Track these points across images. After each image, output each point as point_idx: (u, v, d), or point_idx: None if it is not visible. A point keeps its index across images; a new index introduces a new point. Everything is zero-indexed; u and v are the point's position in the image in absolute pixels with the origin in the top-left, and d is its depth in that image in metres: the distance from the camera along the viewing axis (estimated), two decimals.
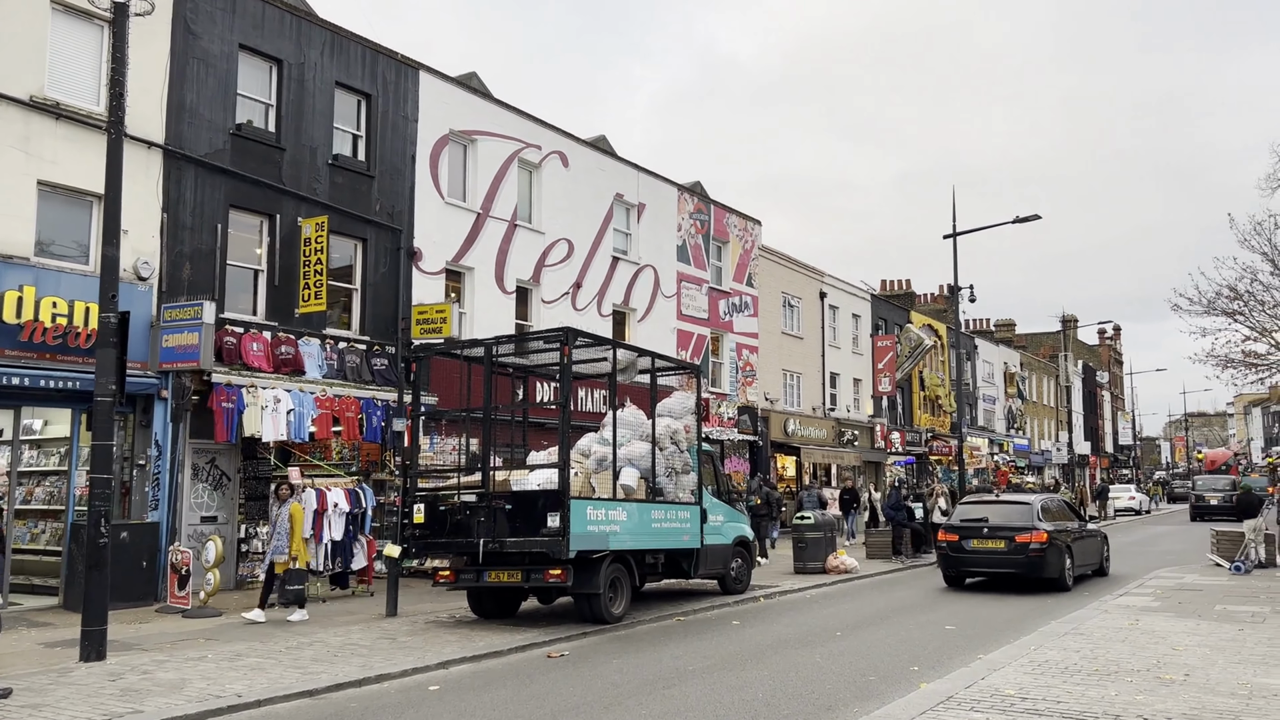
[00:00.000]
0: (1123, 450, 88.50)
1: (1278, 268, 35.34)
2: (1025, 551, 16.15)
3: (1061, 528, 16.99)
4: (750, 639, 11.63)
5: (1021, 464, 55.32)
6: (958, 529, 17.04)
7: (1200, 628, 11.22)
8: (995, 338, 58.16)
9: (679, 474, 14.01)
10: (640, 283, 25.72)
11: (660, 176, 26.85)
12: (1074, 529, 17.57)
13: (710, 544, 14.66)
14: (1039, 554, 16.09)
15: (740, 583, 15.62)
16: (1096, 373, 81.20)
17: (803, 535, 19.03)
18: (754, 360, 30.37)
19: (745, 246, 30.54)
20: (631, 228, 25.74)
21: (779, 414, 31.34)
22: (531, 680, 9.34)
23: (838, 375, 36.26)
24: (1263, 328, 35.89)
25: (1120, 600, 14.08)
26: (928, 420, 44.64)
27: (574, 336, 12.11)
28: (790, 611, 14.08)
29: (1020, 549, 16.16)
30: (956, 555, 16.95)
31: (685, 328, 27.33)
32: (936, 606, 14.44)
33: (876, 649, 10.81)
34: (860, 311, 38.85)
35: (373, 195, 18.74)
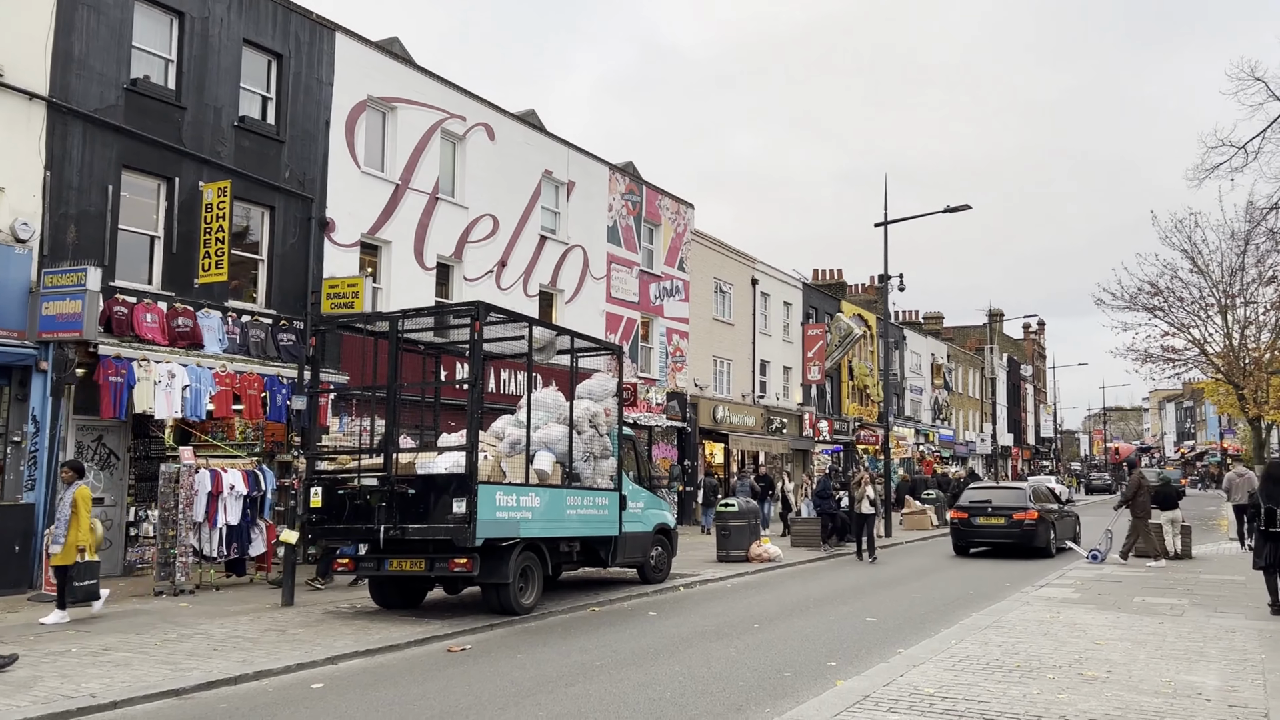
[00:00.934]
0: (1044, 442, 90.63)
1: (1196, 265, 36.24)
2: (1020, 526, 20.12)
3: (1046, 508, 21.03)
4: (665, 631, 11.12)
5: (946, 454, 56.03)
6: (967, 509, 21.14)
7: (1121, 620, 11.03)
8: (924, 330, 58.77)
9: (598, 459, 13.43)
10: (569, 263, 25.04)
11: (591, 154, 26.17)
12: (1055, 510, 21.55)
13: (630, 532, 14.13)
14: (1031, 528, 20.04)
15: (660, 572, 15.13)
16: (1020, 366, 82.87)
17: (726, 523, 18.63)
18: (684, 346, 29.93)
19: (678, 230, 30.03)
20: (560, 206, 25.02)
21: (708, 400, 30.97)
22: (426, 677, 8.68)
23: (768, 363, 36.05)
24: (1181, 323, 36.78)
25: (1041, 592, 13.92)
26: (856, 409, 44.80)
27: (486, 311, 11.41)
28: (709, 601, 13.62)
29: (1016, 524, 20.15)
30: (966, 529, 20.91)
31: (615, 311, 26.74)
32: (858, 597, 14.12)
33: (794, 642, 10.38)
34: (792, 299, 38.69)
35: (282, 161, 17.73)
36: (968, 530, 20.86)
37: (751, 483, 25.86)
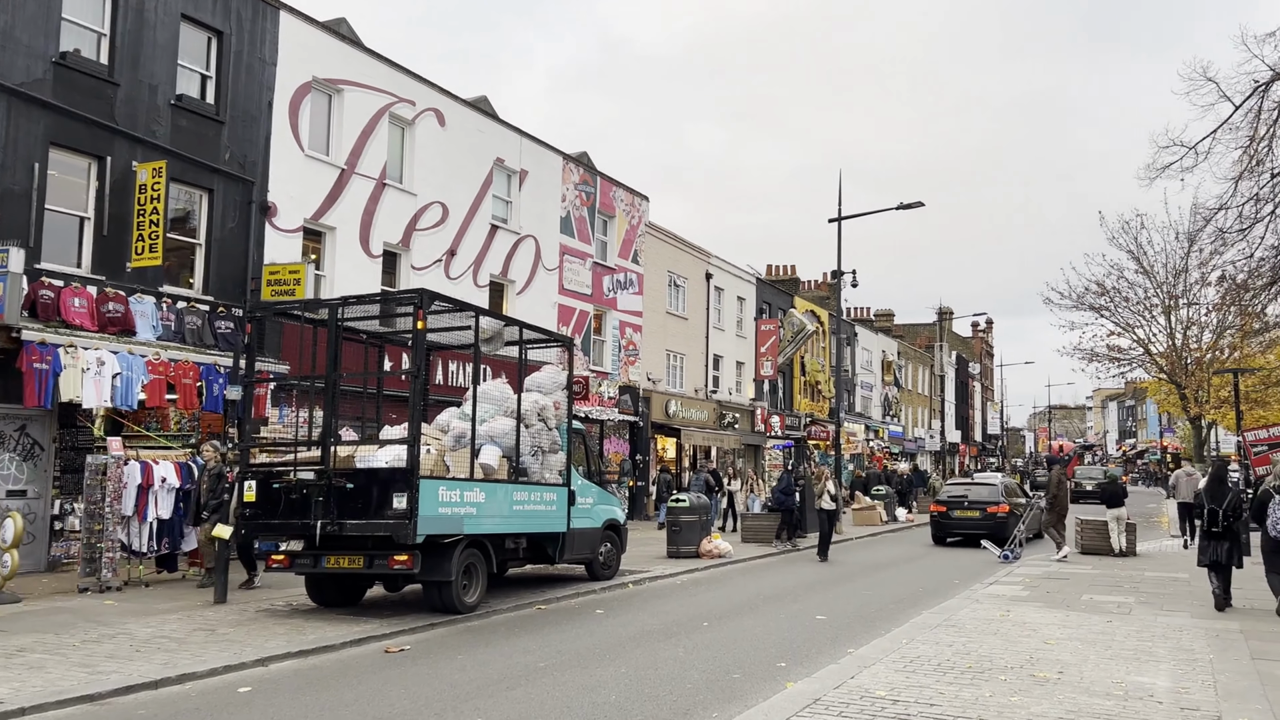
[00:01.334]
0: (990, 439, 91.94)
1: (1142, 266, 36.83)
2: (994, 519, 22.19)
3: (1015, 503, 23.28)
4: (612, 630, 10.84)
5: (896, 450, 56.50)
6: (945, 503, 23.50)
7: (1070, 619, 10.99)
8: (875, 326, 59.14)
9: (546, 453, 13.10)
10: (520, 254, 24.62)
11: (544, 143, 25.75)
12: (1022, 503, 23.49)
13: (578, 528, 13.82)
14: (1003, 520, 21.94)
15: (609, 568, 14.84)
16: (969, 364, 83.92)
17: (677, 519, 18.40)
18: (637, 339, 29.66)
19: (632, 222, 29.74)
20: (513, 195, 24.58)
21: (661, 395, 30.75)
22: (360, 680, 8.30)
23: (721, 357, 35.93)
24: (1126, 323, 37.36)
25: (990, 589, 13.89)
26: (807, 405, 44.93)
27: (430, 300, 11.01)
28: (658, 599, 13.37)
29: (990, 517, 22.33)
30: (945, 521, 23.13)
31: (567, 303, 26.37)
32: (809, 594, 13.97)
33: (743, 641, 10.17)
34: (745, 294, 38.61)
35: (222, 142, 17.11)
36: (946, 522, 23.12)
37: (707, 477, 25.64)
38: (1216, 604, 12.02)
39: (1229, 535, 12.34)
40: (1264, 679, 8.01)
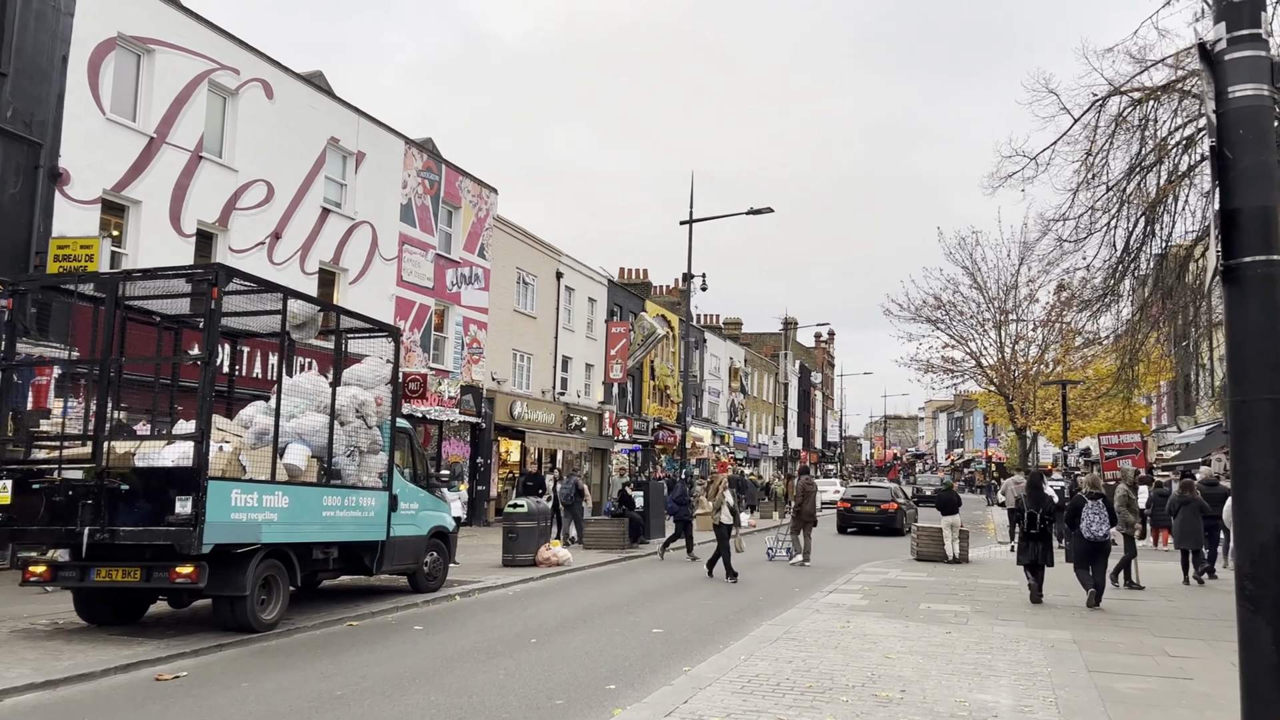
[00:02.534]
0: (830, 446, 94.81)
1: (976, 281, 38.28)
2: (887, 514, 28.04)
3: (901, 502, 29.44)
4: (429, 650, 9.81)
5: (740, 455, 57.13)
6: (850, 500, 29.50)
7: (910, 630, 10.68)
8: (724, 334, 59.74)
9: (365, 454, 11.91)
10: (355, 241, 23.09)
11: (385, 126, 24.30)
12: (905, 503, 29.39)
13: (400, 536, 12.68)
14: (892, 515, 28.01)
15: (435, 579, 13.74)
16: (811, 373, 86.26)
17: (513, 525, 17.42)
18: (482, 337, 28.48)
19: (479, 215, 28.54)
20: (348, 178, 23.03)
21: (506, 395, 29.65)
22: (114, 716, 7.01)
23: (570, 359, 35.12)
24: (960, 336, 38.71)
25: (830, 598, 13.58)
26: (656, 409, 44.69)
27: (227, 276, 9.71)
28: (486, 612, 12.39)
29: (884, 513, 28.21)
30: (848, 514, 28.99)
31: (407, 295, 24.96)
32: (646, 605, 13.29)
33: (573, 660, 9.34)
34: (597, 296, 37.96)
35: (3, 97, 15.05)
36: (849, 515, 29.02)
37: (578, 481, 24.70)
38: (1031, 597, 13.46)
39: (1043, 537, 13.55)
40: (1103, 694, 7.78)
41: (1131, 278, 13.22)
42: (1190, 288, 14.94)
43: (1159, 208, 12.48)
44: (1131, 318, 13.54)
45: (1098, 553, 13.11)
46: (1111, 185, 13.03)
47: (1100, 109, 13.23)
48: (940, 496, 20.71)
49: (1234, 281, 3.84)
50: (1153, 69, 12.86)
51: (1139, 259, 13.10)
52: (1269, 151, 3.82)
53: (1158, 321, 14.21)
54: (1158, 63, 13.02)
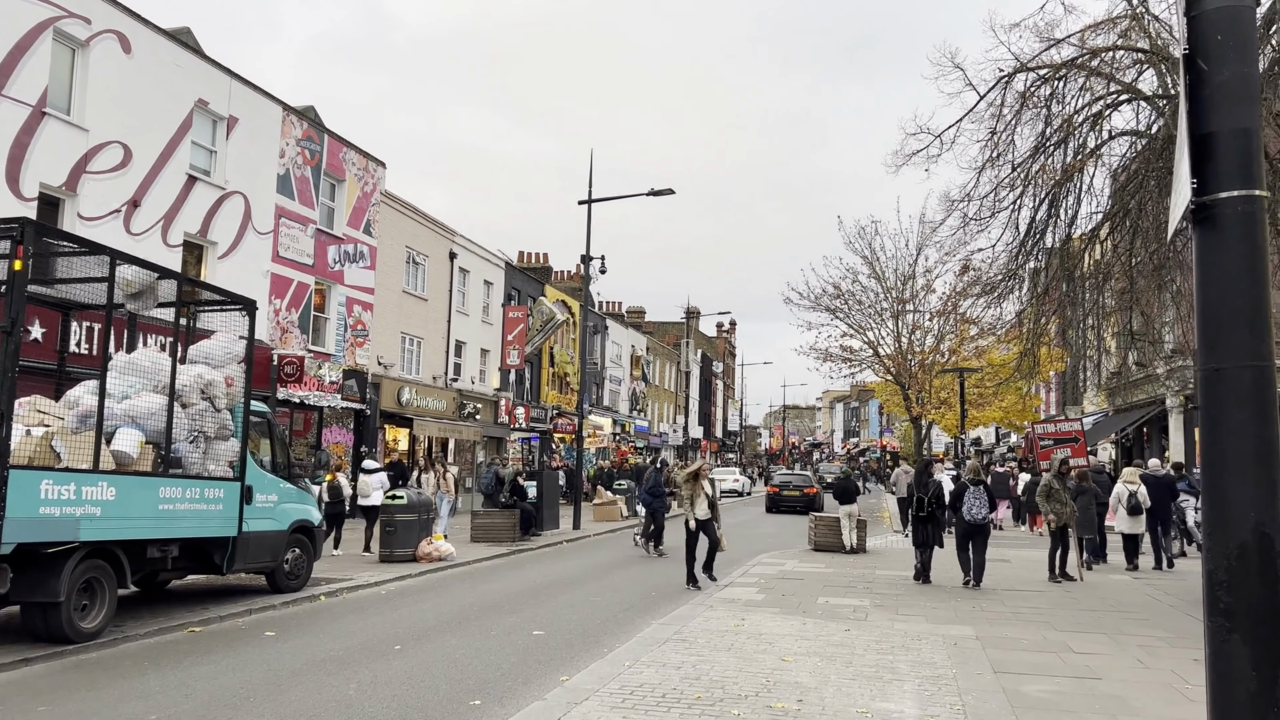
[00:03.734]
0: (730, 435, 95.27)
1: (874, 271, 38.40)
2: (809, 497, 33.75)
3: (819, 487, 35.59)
4: (275, 660, 8.68)
5: (641, 445, 56.57)
6: (779, 485, 36.39)
7: (808, 628, 10.03)
8: (626, 322, 59.06)
9: (212, 440, 10.67)
10: (226, 212, 21.40)
11: (262, 90, 22.61)
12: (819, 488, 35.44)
13: (255, 531, 11.45)
14: (812, 497, 33.67)
15: (297, 578, 12.52)
16: (713, 363, 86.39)
17: (392, 517, 16.25)
18: (368, 319, 26.98)
19: (365, 189, 26.99)
20: (218, 144, 21.31)
21: (393, 381, 28.20)
22: None
23: (464, 344, 33.79)
24: (859, 325, 38.80)
25: (725, 593, 12.88)
26: (555, 397, 43.66)
27: (36, 234, 8.37)
28: (351, 615, 11.27)
29: (806, 496, 33.84)
30: (777, 498, 34.85)
31: (283, 273, 23.36)
32: (531, 603, 12.35)
33: (437, 671, 8.36)
34: (493, 279, 36.67)
35: None
36: (778, 498, 34.96)
37: (498, 470, 23.42)
38: (915, 575, 14.50)
39: (931, 519, 14.54)
40: (1010, 698, 7.21)
41: (1034, 260, 12.88)
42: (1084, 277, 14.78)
43: (1064, 187, 12.14)
44: (1033, 301, 13.20)
45: (977, 534, 13.97)
46: (1017, 165, 12.65)
47: (1006, 85, 12.83)
48: (838, 484, 20.27)
49: (1207, 223, 3.13)
50: (1060, 45, 12.53)
51: (1043, 240, 12.77)
52: (1251, 63, 3.11)
53: (1058, 307, 13.93)
54: (1062, 40, 12.69)
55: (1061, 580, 14.62)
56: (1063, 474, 14.81)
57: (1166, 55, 11.90)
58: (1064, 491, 14.66)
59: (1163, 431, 30.04)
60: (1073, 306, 14.54)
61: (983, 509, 13.81)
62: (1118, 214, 12.12)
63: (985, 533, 14.04)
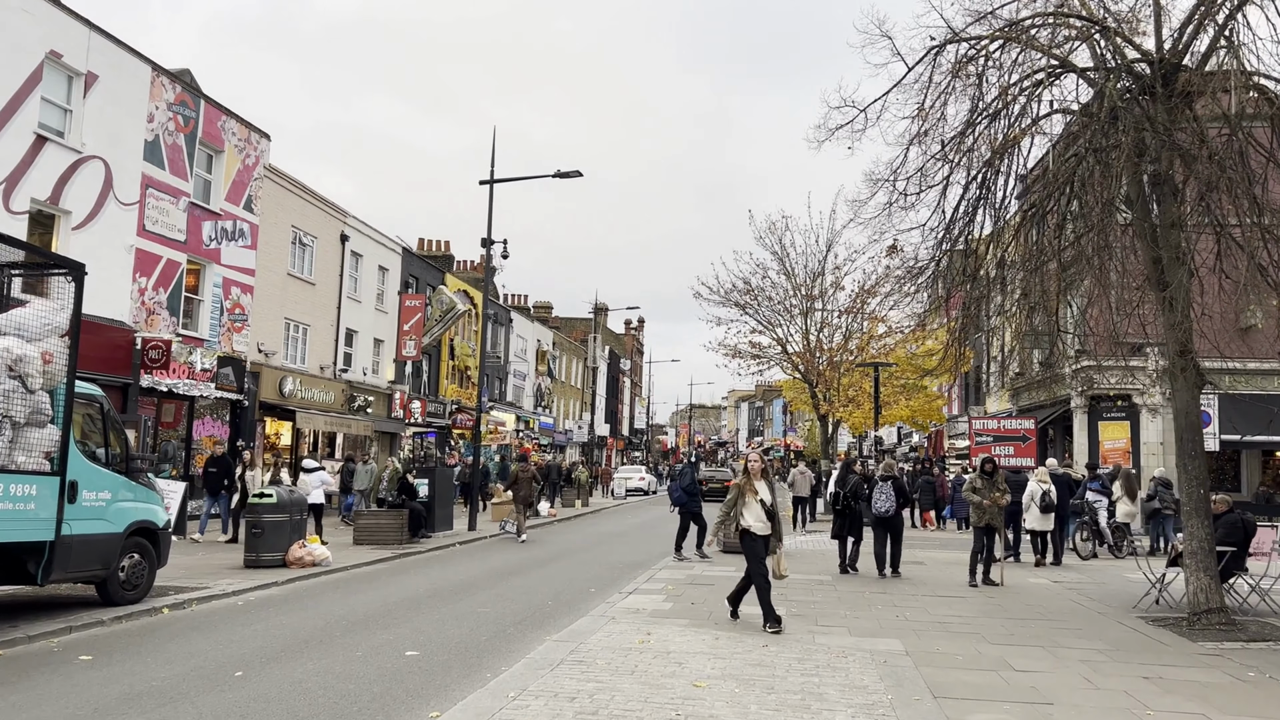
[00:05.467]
0: (637, 434, 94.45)
1: (784, 267, 37.82)
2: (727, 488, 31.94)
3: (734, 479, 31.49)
4: (82, 694, 7.11)
5: (546, 442, 55.09)
6: (704, 479, 32.83)
7: (721, 644, 8.89)
8: (532, 316, 57.44)
9: (23, 427, 8.96)
10: (82, 178, 19.23)
11: (127, 46, 20.44)
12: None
13: (80, 534, 9.76)
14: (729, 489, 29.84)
15: (135, 589, 10.82)
16: (621, 360, 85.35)
17: (259, 518, 14.56)
18: (246, 302, 24.91)
19: (247, 162, 24.92)
20: (74, 103, 19.12)
21: (275, 370, 26.17)
22: None
23: (355, 333, 31.81)
24: (768, 321, 38.17)
25: (630, 600, 11.70)
26: (455, 391, 41.88)
27: None
28: (193, 633, 9.67)
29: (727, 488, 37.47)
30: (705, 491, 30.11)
31: (151, 248, 21.22)
32: (409, 616, 10.93)
33: (281, 703, 6.93)
34: (389, 264, 34.74)
35: None
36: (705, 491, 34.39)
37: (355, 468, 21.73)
38: (840, 567, 15.22)
39: (850, 514, 15.35)
40: None
41: (964, 241, 12.07)
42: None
43: (994, 166, 11.32)
44: (967, 293, 12.39)
45: (887, 526, 14.86)
46: (947, 141, 11.80)
47: (937, 56, 11.95)
48: None
49: None
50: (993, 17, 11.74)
51: (973, 223, 11.97)
52: None
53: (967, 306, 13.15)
54: (995, 10, 11.91)
55: (982, 584, 13.89)
56: (987, 471, 14.06)
57: (1104, 25, 11.19)
58: (989, 490, 13.93)
59: (1067, 431, 30.12)
60: (977, 305, 13.77)
61: (889, 502, 14.76)
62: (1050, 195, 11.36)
63: (896, 525, 14.95)
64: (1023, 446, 14.72)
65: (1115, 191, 9.88)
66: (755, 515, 10.14)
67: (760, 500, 10.15)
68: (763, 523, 10.12)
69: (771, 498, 10.26)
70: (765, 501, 10.16)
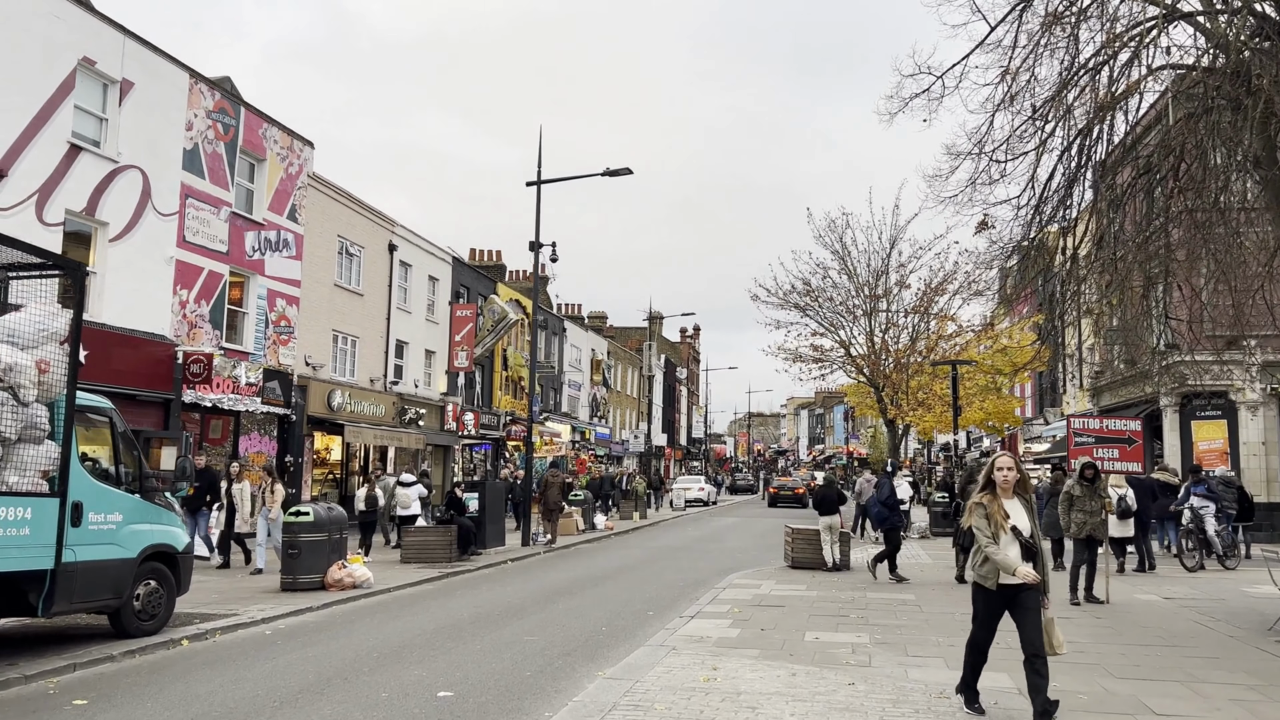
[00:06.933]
0: (695, 443, 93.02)
1: (846, 266, 36.33)
2: (799, 495, 46.30)
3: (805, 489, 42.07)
4: None
5: (601, 453, 54.09)
6: (777, 488, 50.87)
7: (799, 682, 7.67)
8: (586, 325, 56.57)
9: (15, 444, 8.11)
10: (119, 188, 18.71)
11: (163, 53, 19.94)
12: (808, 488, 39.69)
13: (86, 561, 8.90)
14: (801, 496, 45.63)
15: (152, 618, 9.93)
16: (676, 368, 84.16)
17: (295, 538, 13.67)
18: (293, 314, 24.31)
19: (290, 171, 24.35)
20: (109, 111, 18.63)
21: (323, 383, 25.53)
22: None
23: (406, 344, 31.15)
24: (830, 323, 36.71)
25: (692, 626, 10.51)
26: (509, 403, 41.08)
27: None
28: (208, 669, 8.72)
29: (797, 495, 46.60)
30: (775, 497, 48.40)
31: (192, 260, 20.68)
32: (447, 647, 9.88)
33: None
34: (439, 274, 34.07)
35: None
36: (777, 497, 47.94)
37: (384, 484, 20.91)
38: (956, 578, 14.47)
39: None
40: None
41: (1062, 216, 10.72)
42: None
43: (1101, 121, 9.96)
44: (1065, 271, 11.03)
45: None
46: (1039, 105, 10.45)
47: (1023, 12, 10.66)
48: (819, 493, 17.94)
49: None
50: None
51: (1070, 195, 10.61)
52: None
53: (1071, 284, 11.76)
54: None
55: (1085, 602, 12.43)
56: (1088, 478, 12.58)
57: None
58: (1089, 499, 12.47)
59: (1156, 433, 28.17)
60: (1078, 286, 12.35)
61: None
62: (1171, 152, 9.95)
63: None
64: (1129, 450, 13.14)
65: (1255, 144, 8.43)
66: (1016, 559, 6.36)
67: (1014, 529, 6.41)
68: (1024, 568, 6.30)
69: (1032, 526, 6.53)
70: (1023, 532, 6.43)
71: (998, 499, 6.58)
